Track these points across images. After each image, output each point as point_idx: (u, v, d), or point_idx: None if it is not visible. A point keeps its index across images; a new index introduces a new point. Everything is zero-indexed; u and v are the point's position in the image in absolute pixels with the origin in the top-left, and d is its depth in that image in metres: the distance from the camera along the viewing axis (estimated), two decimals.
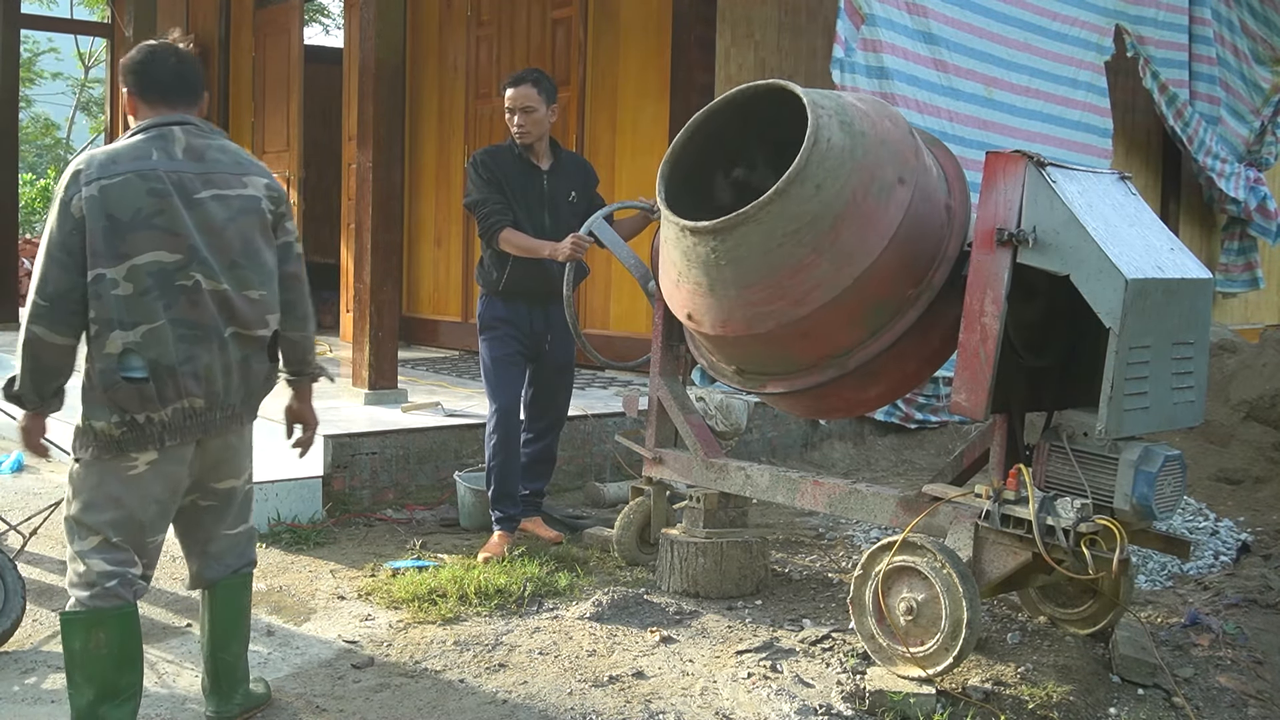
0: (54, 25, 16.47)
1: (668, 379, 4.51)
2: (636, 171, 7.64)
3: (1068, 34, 7.84)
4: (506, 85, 4.89)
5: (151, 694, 3.42)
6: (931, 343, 3.77)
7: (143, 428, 2.98)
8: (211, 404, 3.06)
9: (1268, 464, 6.26)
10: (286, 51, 10.66)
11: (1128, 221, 3.48)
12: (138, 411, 2.96)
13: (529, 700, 3.41)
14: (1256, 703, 3.56)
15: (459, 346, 9.18)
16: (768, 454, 6.58)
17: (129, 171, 2.96)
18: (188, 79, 3.16)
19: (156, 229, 2.96)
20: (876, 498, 3.88)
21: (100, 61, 23.61)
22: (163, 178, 2.98)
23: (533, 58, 8.57)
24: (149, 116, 3.10)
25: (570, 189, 4.99)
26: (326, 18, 23.87)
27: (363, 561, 4.70)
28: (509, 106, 4.86)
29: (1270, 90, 9.75)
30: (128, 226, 2.93)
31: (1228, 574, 4.61)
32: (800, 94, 3.58)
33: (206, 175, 3.06)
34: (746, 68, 7.34)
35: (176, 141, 3.05)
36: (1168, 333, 3.41)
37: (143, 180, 2.96)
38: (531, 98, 4.83)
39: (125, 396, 2.94)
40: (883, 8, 6.61)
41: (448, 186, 9.46)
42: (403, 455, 5.55)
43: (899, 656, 3.47)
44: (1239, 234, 10.08)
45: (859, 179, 3.50)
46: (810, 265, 3.52)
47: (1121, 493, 3.36)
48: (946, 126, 6.81)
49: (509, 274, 4.86)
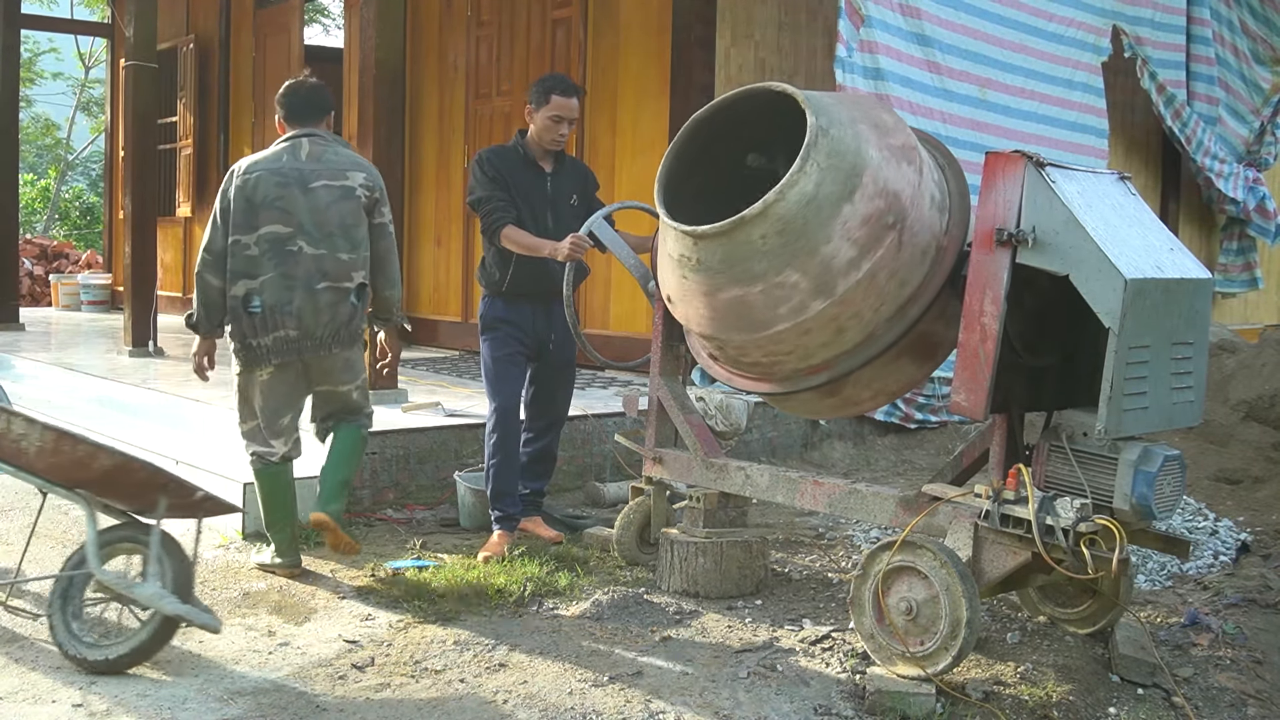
0: (54, 25, 16.48)
1: (668, 379, 4.51)
2: (636, 172, 7.65)
3: (1063, 35, 7.84)
4: (554, 91, 4.86)
5: (152, 694, 3.43)
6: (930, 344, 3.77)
7: (254, 349, 4.34)
8: (302, 335, 4.34)
9: (1267, 464, 6.27)
10: (286, 51, 10.67)
11: (1127, 221, 3.48)
12: (251, 337, 4.33)
13: (529, 700, 3.41)
14: (1256, 702, 3.57)
15: (459, 346, 9.19)
16: (768, 454, 6.58)
17: (263, 170, 4.38)
18: (315, 103, 4.56)
19: (277, 209, 4.32)
20: (876, 498, 3.88)
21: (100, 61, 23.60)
22: (287, 173, 4.36)
23: (533, 58, 8.57)
24: (289, 132, 4.52)
25: (572, 192, 5.02)
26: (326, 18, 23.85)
27: (363, 561, 4.70)
28: (559, 114, 4.85)
29: (1270, 90, 9.76)
30: (259, 207, 4.32)
31: (1227, 574, 4.62)
32: (795, 93, 3.59)
33: (319, 170, 4.39)
34: (746, 68, 7.35)
35: (302, 148, 4.44)
36: (1167, 333, 3.41)
37: (272, 175, 4.36)
38: (576, 110, 4.91)
39: (246, 325, 4.33)
40: (878, 9, 6.63)
41: (448, 186, 9.47)
42: (403, 455, 5.55)
43: (899, 656, 3.48)
44: (1238, 234, 10.09)
45: (857, 184, 3.50)
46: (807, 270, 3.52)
47: (1121, 493, 3.37)
48: (940, 128, 6.82)
49: (512, 274, 4.87)
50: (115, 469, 3.56)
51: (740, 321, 3.73)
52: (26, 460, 3.61)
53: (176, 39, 12.26)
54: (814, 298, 3.56)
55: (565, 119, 4.88)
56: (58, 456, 3.54)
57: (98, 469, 3.56)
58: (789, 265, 3.53)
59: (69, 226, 23.82)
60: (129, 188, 8.78)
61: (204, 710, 3.32)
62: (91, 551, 3.57)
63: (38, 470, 3.65)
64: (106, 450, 3.56)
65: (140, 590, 3.53)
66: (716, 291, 3.70)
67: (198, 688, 3.48)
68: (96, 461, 3.54)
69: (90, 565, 3.56)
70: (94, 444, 3.56)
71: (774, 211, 3.48)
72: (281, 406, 4.44)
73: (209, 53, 12.00)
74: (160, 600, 3.49)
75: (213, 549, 4.92)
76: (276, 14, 10.90)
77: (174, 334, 10.29)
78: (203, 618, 3.56)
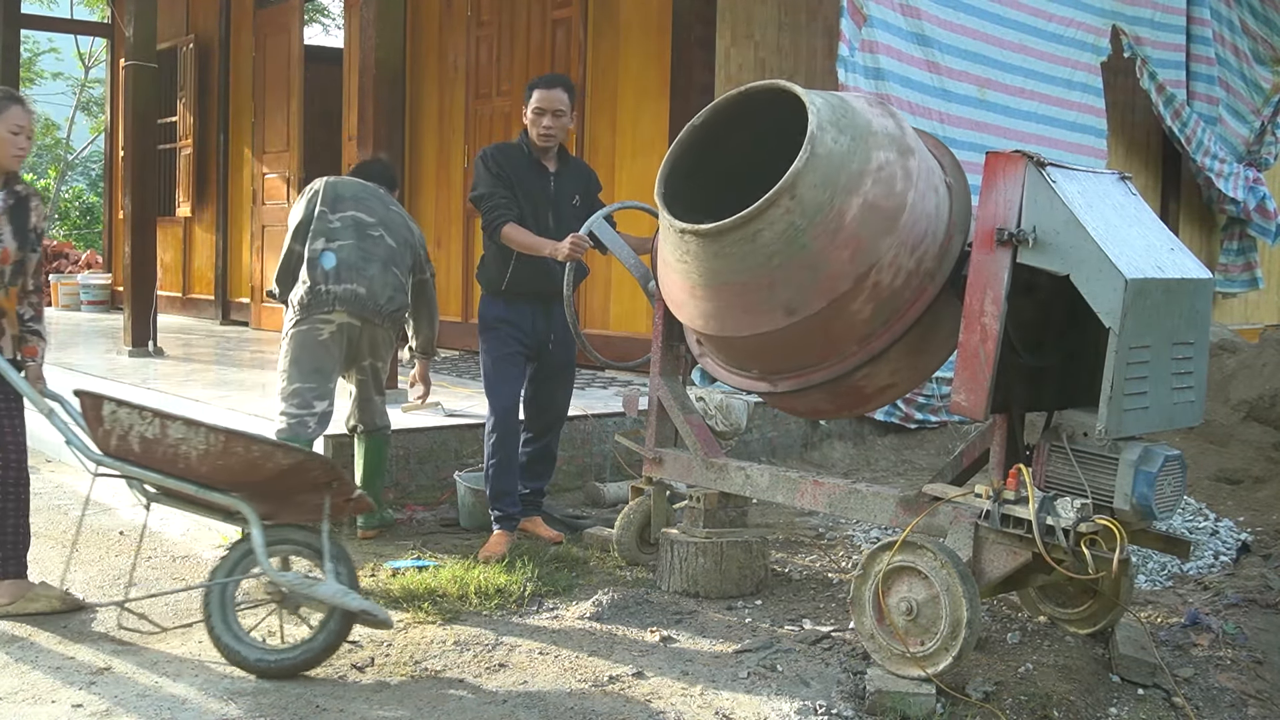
0: (54, 25, 16.48)
1: (668, 379, 4.51)
2: (636, 172, 7.65)
3: (1063, 35, 7.84)
4: (536, 86, 4.88)
5: (152, 694, 3.42)
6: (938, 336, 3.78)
7: (323, 296, 4.81)
8: (369, 294, 4.86)
9: (1267, 464, 6.27)
10: (286, 51, 10.66)
11: (1128, 221, 3.48)
12: (323, 284, 4.82)
13: (529, 700, 3.41)
14: (1256, 702, 3.57)
15: (459, 346, 9.18)
16: (768, 454, 6.58)
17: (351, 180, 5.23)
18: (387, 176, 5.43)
19: (363, 204, 5.06)
20: (876, 498, 3.88)
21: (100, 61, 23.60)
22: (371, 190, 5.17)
23: (533, 58, 8.57)
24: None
25: (575, 192, 5.01)
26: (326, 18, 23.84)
27: (363, 561, 4.69)
28: (540, 107, 4.85)
29: (1270, 90, 9.76)
30: (345, 199, 5.04)
31: (1227, 574, 4.62)
32: (797, 91, 3.59)
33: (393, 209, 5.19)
34: (746, 68, 7.35)
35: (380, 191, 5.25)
36: (1167, 333, 3.41)
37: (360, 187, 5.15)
38: (563, 101, 4.87)
39: (319, 274, 4.84)
40: (879, 9, 6.63)
41: (448, 187, 9.47)
42: (403, 455, 5.55)
43: (899, 656, 3.47)
44: (1238, 234, 10.09)
45: (860, 177, 3.51)
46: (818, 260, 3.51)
47: (1121, 493, 3.36)
48: (939, 128, 6.82)
49: (512, 274, 4.87)
50: (292, 468, 3.40)
51: (741, 320, 3.73)
52: (184, 466, 3.42)
53: (176, 39, 12.26)
54: (815, 296, 3.56)
55: (547, 110, 4.85)
56: (227, 459, 3.36)
57: (272, 469, 3.38)
58: (790, 264, 3.53)
59: (69, 226, 23.82)
60: (129, 188, 8.78)
61: (204, 710, 3.32)
62: (262, 554, 3.42)
63: (197, 475, 3.45)
64: (284, 449, 3.42)
65: (322, 590, 3.42)
66: (717, 290, 3.70)
67: (198, 688, 3.48)
68: (272, 462, 3.37)
69: (263, 567, 3.43)
70: (270, 443, 3.42)
71: (775, 209, 3.48)
72: (331, 370, 4.87)
73: (209, 53, 12.00)
74: (345, 598, 3.39)
75: (212, 549, 4.92)
76: (276, 14, 10.90)
77: (174, 334, 10.30)
78: (382, 613, 3.47)
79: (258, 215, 10.99)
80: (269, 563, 3.45)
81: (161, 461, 3.47)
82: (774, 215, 3.49)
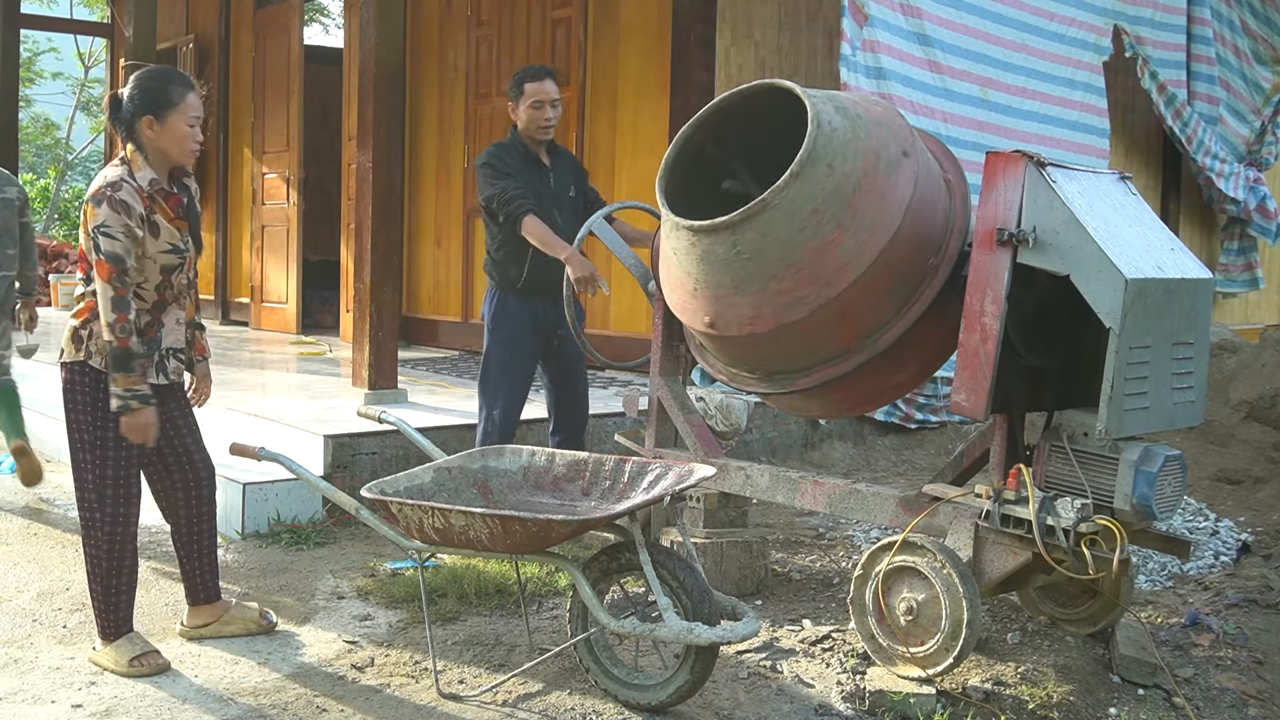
0: (54, 25, 16.49)
1: (668, 379, 4.51)
2: (636, 172, 7.64)
3: (1065, 34, 7.84)
4: (526, 80, 4.88)
5: (152, 694, 3.42)
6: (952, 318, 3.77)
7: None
8: None
9: (1268, 464, 6.26)
10: (286, 51, 10.66)
11: (1128, 221, 3.48)
12: None
13: (529, 700, 3.41)
14: (1256, 703, 3.57)
15: (459, 346, 9.18)
16: (768, 454, 6.57)
17: None
18: None
19: None
20: (876, 498, 3.88)
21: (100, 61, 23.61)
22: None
23: (533, 58, 8.56)
24: None
25: (570, 184, 5.05)
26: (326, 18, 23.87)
27: (363, 561, 4.69)
28: (540, 99, 4.85)
29: (1271, 90, 9.75)
30: None
31: (1228, 574, 4.61)
32: (792, 88, 3.60)
33: None
34: (746, 68, 7.34)
35: None
36: (1168, 333, 3.41)
37: None
38: (556, 91, 4.89)
39: None
40: (879, 9, 6.63)
41: (448, 186, 9.46)
42: (403, 455, 5.55)
43: (899, 656, 3.47)
44: (1239, 234, 10.08)
45: (867, 154, 3.51)
46: (836, 242, 3.50)
47: (1122, 493, 3.36)
48: (941, 128, 6.82)
49: (529, 271, 4.86)
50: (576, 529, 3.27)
51: (743, 319, 3.72)
52: (483, 544, 3.34)
53: (176, 39, 12.26)
54: (816, 295, 3.56)
55: (545, 101, 4.86)
56: (511, 538, 3.27)
57: (557, 536, 3.26)
58: (791, 262, 3.53)
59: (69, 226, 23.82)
60: None
61: (204, 710, 3.32)
62: (594, 606, 3.25)
63: (498, 550, 3.37)
64: (561, 521, 3.21)
65: (664, 631, 3.18)
66: (718, 288, 3.70)
67: (198, 688, 3.48)
68: (554, 532, 3.23)
69: (600, 619, 3.25)
70: (543, 520, 3.20)
71: (776, 207, 3.48)
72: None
73: (209, 52, 11.99)
74: (690, 634, 3.13)
75: None
76: (276, 14, 10.90)
77: None
78: (740, 631, 3.18)
79: (257, 215, 10.98)
80: (606, 617, 3.25)
81: (465, 544, 3.39)
82: (794, 195, 3.47)
